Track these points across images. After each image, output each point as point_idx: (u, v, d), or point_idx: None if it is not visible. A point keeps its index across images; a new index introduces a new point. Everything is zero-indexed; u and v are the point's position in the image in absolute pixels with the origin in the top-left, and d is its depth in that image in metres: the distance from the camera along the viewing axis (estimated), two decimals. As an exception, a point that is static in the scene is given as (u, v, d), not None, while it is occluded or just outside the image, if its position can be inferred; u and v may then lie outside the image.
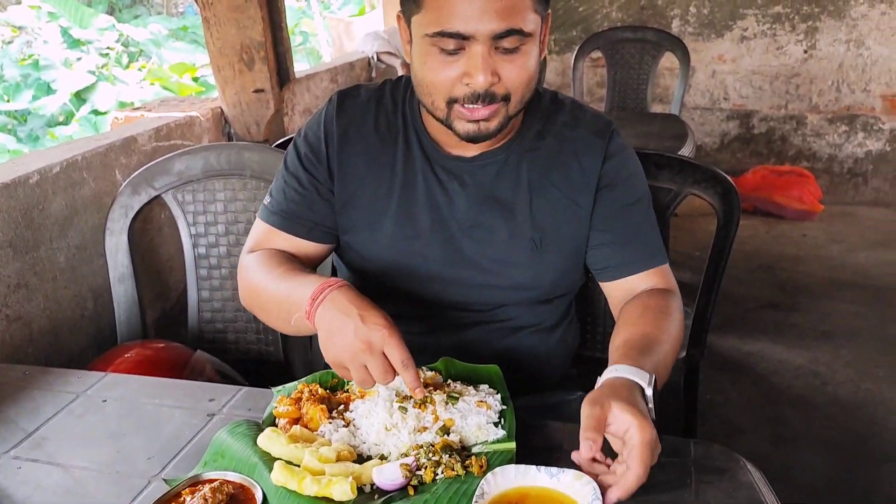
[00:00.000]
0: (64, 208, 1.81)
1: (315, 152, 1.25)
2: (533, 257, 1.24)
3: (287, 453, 1.00)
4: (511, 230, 1.23)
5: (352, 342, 0.99)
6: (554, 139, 1.24)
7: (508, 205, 1.23)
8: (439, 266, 1.24)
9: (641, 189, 1.29)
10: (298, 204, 1.25)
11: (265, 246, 1.28)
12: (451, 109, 1.11)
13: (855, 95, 4.47)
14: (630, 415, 0.91)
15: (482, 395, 1.11)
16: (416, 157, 1.23)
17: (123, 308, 1.74)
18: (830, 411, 2.55)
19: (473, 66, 1.06)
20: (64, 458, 1.07)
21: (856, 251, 3.90)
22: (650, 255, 1.26)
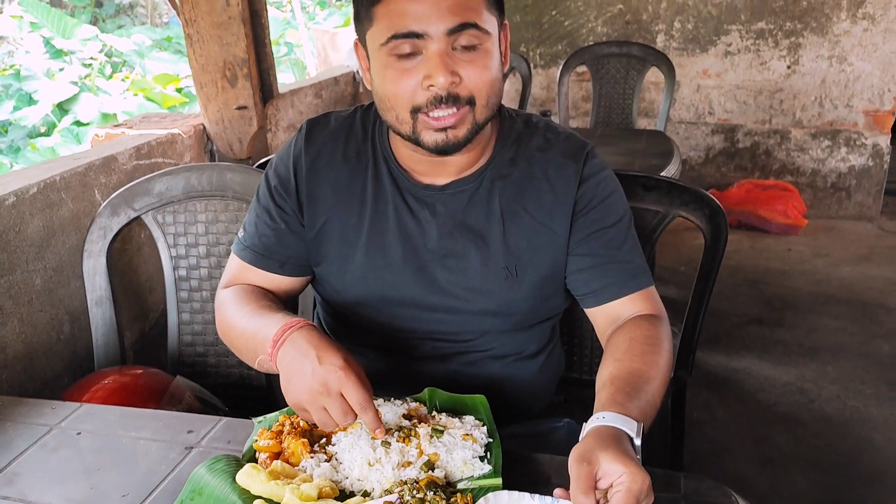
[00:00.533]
0: (41, 230, 1.77)
1: (284, 185, 1.23)
2: (507, 285, 1.21)
3: (267, 491, 0.97)
4: (484, 258, 1.20)
5: (309, 384, 0.98)
6: (526, 163, 1.21)
7: (481, 233, 1.20)
8: (413, 296, 1.22)
9: (621, 209, 1.24)
10: (270, 238, 1.23)
11: (240, 281, 1.27)
12: (416, 120, 1.08)
13: (838, 111, 4.50)
14: (621, 464, 0.88)
15: (468, 427, 1.08)
16: (386, 187, 1.21)
17: (101, 332, 1.71)
18: (817, 429, 2.54)
19: (432, 66, 1.04)
20: (36, 495, 1.04)
21: (840, 265, 3.91)
22: (633, 277, 1.22)
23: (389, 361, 1.28)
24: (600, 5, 4.66)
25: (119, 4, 11.29)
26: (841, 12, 4.32)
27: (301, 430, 1.08)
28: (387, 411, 1.09)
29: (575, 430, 1.40)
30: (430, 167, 1.19)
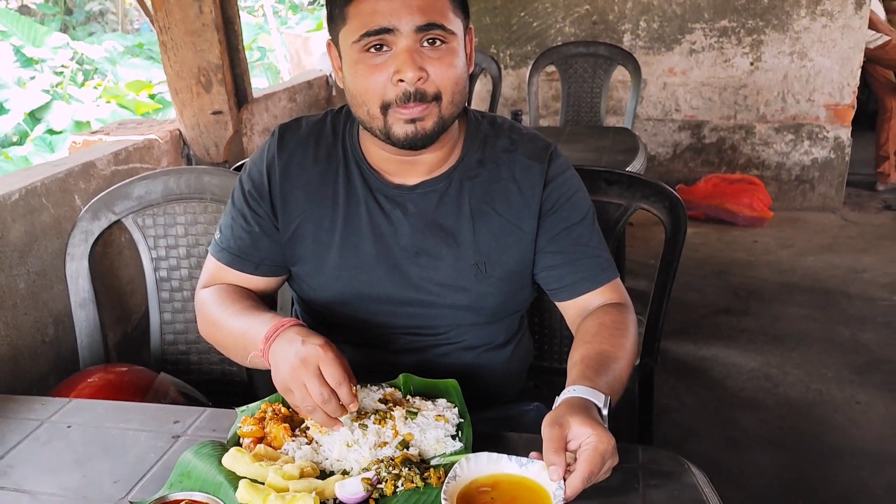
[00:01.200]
0: (23, 235, 1.81)
1: (258, 189, 1.27)
2: (477, 282, 1.27)
3: (252, 472, 1.03)
4: (455, 256, 1.26)
5: (292, 361, 1.05)
6: (494, 164, 1.27)
7: (451, 231, 1.26)
8: (387, 292, 1.28)
9: (585, 206, 1.31)
10: (244, 241, 1.29)
11: (217, 281, 1.32)
12: (387, 114, 1.14)
13: (800, 105, 4.63)
14: (589, 427, 0.96)
15: (440, 409, 1.15)
16: (357, 188, 1.26)
17: (85, 333, 1.75)
18: (781, 412, 2.64)
19: (401, 61, 1.10)
20: (31, 485, 1.09)
21: (804, 256, 4.03)
22: (602, 271, 1.30)
23: (366, 354, 1.34)
24: (567, 6, 4.75)
25: (89, 12, 11.21)
26: (800, 9, 4.44)
27: (282, 416, 1.14)
28: (364, 397, 1.15)
29: (544, 413, 1.48)
30: (401, 167, 1.25)
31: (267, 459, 1.06)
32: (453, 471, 0.98)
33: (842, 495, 2.20)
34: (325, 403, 1.04)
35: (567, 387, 1.09)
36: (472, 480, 0.99)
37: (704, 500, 1.00)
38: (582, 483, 0.94)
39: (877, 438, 2.46)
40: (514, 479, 1.00)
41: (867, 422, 2.56)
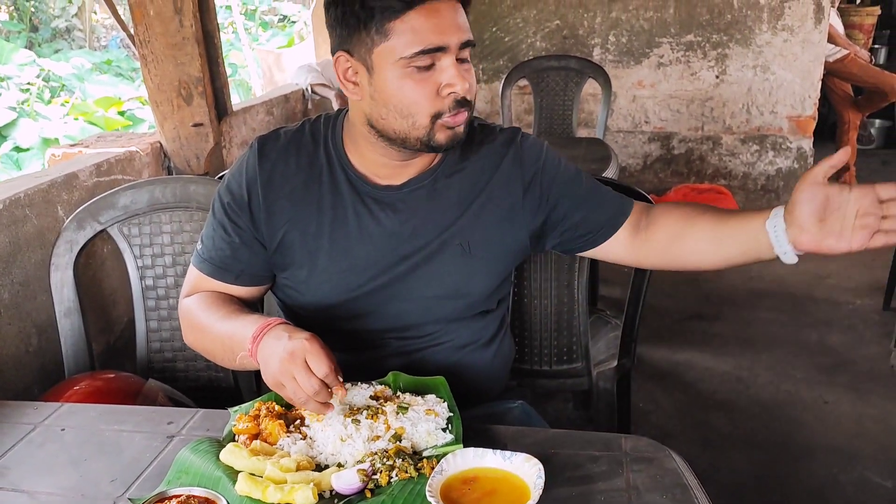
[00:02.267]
0: (7, 245, 1.82)
1: (237, 201, 1.29)
2: (463, 262, 1.31)
3: (249, 466, 1.06)
4: (442, 241, 1.31)
5: (280, 356, 1.08)
6: (476, 157, 1.33)
7: (440, 221, 1.30)
8: (376, 291, 1.31)
9: (574, 167, 1.39)
10: (224, 252, 1.31)
11: (199, 290, 1.35)
12: (434, 124, 1.18)
13: (764, 117, 4.76)
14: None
15: (430, 403, 1.19)
16: (343, 193, 1.29)
17: (70, 342, 1.75)
18: (753, 412, 2.71)
19: (454, 75, 1.15)
20: (28, 485, 1.10)
21: (772, 262, 4.11)
22: (622, 200, 1.37)
23: (354, 358, 1.36)
24: (539, 21, 4.85)
25: (55, 29, 11.12)
26: (762, 24, 4.58)
27: (277, 413, 1.17)
28: (354, 394, 1.19)
29: (528, 411, 1.53)
30: (392, 170, 1.29)
31: (263, 454, 1.09)
32: (440, 465, 1.02)
33: (813, 491, 2.26)
34: (315, 394, 1.07)
35: (766, 220, 1.17)
36: (457, 474, 1.03)
37: (686, 483, 1.05)
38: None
39: (845, 436, 2.54)
40: (497, 473, 1.03)
41: (835, 420, 2.63)
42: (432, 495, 0.96)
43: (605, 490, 1.03)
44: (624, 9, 4.73)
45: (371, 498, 1.01)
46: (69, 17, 11.25)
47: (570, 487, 1.04)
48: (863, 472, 2.34)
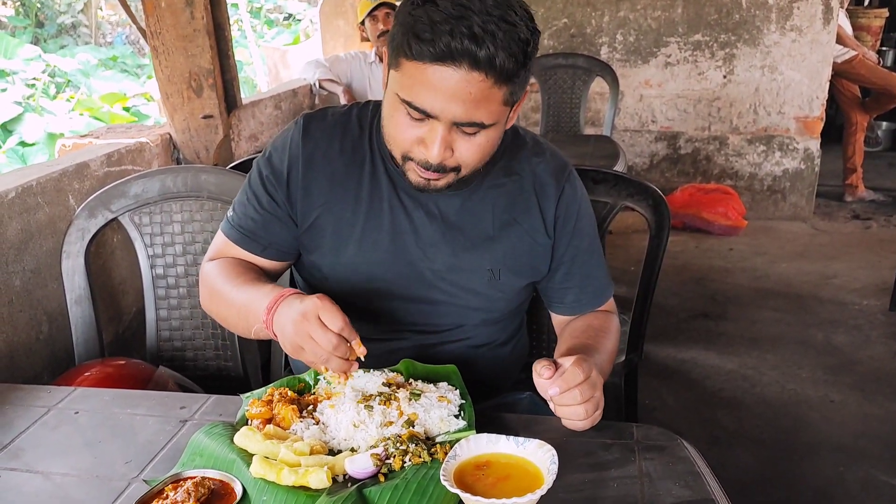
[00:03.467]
0: (19, 233, 1.83)
1: (277, 176, 1.29)
2: (489, 287, 1.32)
3: (263, 449, 1.06)
4: (471, 261, 1.30)
5: (293, 318, 1.07)
6: (518, 177, 1.31)
7: (470, 236, 1.29)
8: (400, 289, 1.31)
9: (592, 229, 1.39)
10: (256, 223, 1.31)
11: (223, 255, 1.34)
12: (406, 162, 1.18)
13: (771, 117, 4.75)
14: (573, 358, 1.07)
15: (442, 391, 1.19)
16: (382, 185, 1.28)
17: (81, 330, 1.76)
18: (759, 411, 2.71)
19: (431, 140, 1.11)
20: (42, 466, 1.11)
21: (777, 262, 4.14)
22: (598, 296, 1.39)
23: (369, 347, 1.37)
24: (546, 19, 4.85)
25: (61, 24, 11.15)
26: (770, 24, 4.58)
27: (290, 398, 1.18)
28: (367, 381, 1.19)
29: (536, 402, 1.53)
30: None
31: (277, 439, 1.09)
32: (453, 450, 1.02)
33: (819, 489, 2.26)
34: (335, 348, 1.07)
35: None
36: (470, 459, 1.03)
37: (698, 471, 1.05)
38: (574, 378, 1.06)
39: (851, 435, 2.53)
40: (510, 458, 1.04)
41: (841, 419, 2.63)
42: (446, 479, 0.96)
43: (617, 477, 1.03)
44: (632, 8, 4.73)
45: (384, 482, 1.02)
46: (75, 13, 11.28)
47: (583, 474, 1.04)
48: (869, 470, 2.34)
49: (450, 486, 0.95)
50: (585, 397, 1.07)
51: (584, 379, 1.06)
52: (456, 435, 1.10)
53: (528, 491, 0.95)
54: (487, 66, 1.04)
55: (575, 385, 1.06)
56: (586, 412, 1.08)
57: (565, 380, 1.06)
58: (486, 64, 1.04)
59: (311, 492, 1.00)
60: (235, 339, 1.79)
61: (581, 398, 1.07)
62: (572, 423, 1.10)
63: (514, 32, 1.05)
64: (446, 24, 1.02)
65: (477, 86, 1.06)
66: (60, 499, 1.04)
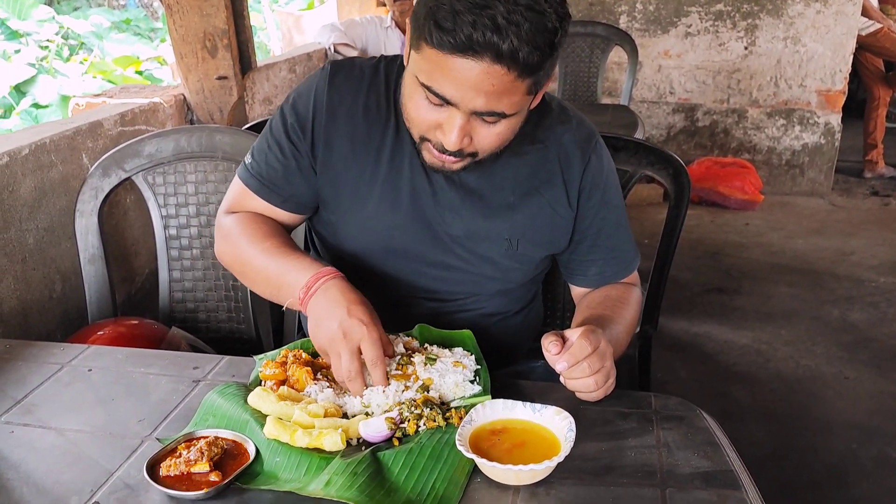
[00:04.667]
0: (33, 190, 1.82)
1: (301, 123, 1.24)
2: (507, 257, 1.29)
3: (277, 410, 1.05)
4: (489, 229, 1.27)
5: (335, 331, 1.07)
6: (542, 146, 1.26)
7: (490, 205, 1.26)
8: (416, 252, 1.28)
9: (618, 201, 1.34)
10: (276, 172, 1.26)
11: (241, 205, 1.31)
12: (422, 143, 1.15)
13: (792, 90, 4.68)
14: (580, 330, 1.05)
15: (457, 356, 1.18)
16: (405, 144, 1.23)
17: (94, 289, 1.76)
18: (772, 386, 2.69)
19: (449, 128, 1.07)
20: (56, 422, 1.10)
21: (794, 238, 4.09)
22: (622, 269, 1.35)
23: (381, 313, 1.35)
24: (565, -13, 4.76)
25: (75, -15, 11.08)
26: (795, -5, 4.49)
27: (304, 360, 1.17)
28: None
29: (551, 371, 1.51)
30: None
31: (290, 400, 1.08)
32: (469, 415, 1.01)
33: (832, 466, 2.25)
34: (350, 381, 1.07)
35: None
36: (486, 424, 1.02)
37: (717, 441, 1.03)
38: (581, 351, 1.03)
39: (865, 412, 2.52)
40: (526, 425, 1.03)
41: (855, 396, 2.61)
42: (462, 444, 0.95)
43: (635, 446, 1.02)
44: (653, -24, 4.65)
45: (399, 446, 1.00)
46: (89, -25, 11.20)
47: (600, 443, 1.03)
48: (882, 447, 2.32)
49: (465, 451, 0.93)
50: (594, 369, 1.05)
51: (591, 351, 1.04)
52: (471, 400, 1.09)
53: (544, 458, 0.94)
54: (510, 59, 0.99)
55: (583, 358, 1.04)
56: (596, 384, 1.06)
57: (573, 354, 1.04)
58: (508, 58, 0.99)
59: (325, 454, 0.99)
60: (248, 302, 1.78)
61: (590, 370, 1.04)
62: (584, 394, 1.08)
63: (542, 22, 0.99)
64: (469, 14, 0.97)
65: (499, 79, 1.01)
66: (74, 455, 1.03)
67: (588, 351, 1.04)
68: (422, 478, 0.95)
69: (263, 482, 0.95)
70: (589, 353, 1.04)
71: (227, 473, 0.96)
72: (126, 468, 1.00)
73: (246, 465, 0.97)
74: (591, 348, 1.04)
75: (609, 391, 1.09)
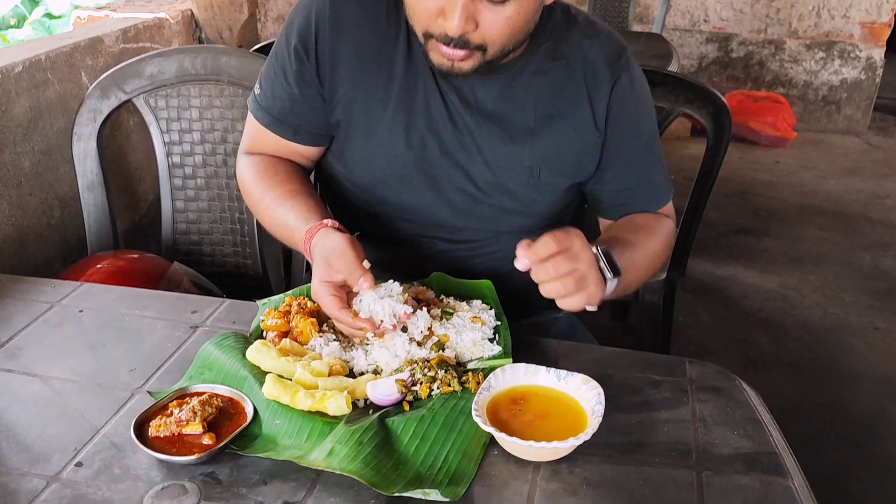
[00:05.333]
0: (28, 110, 1.71)
1: (304, 45, 1.13)
2: (528, 186, 1.18)
3: (278, 367, 0.97)
4: (509, 156, 1.16)
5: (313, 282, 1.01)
6: (565, 62, 1.14)
7: (509, 128, 1.15)
8: (432, 182, 1.18)
9: (650, 124, 1.21)
10: (284, 102, 1.17)
11: (258, 144, 1.23)
12: (428, 41, 1.03)
13: (835, 21, 4.43)
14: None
15: (476, 310, 1.08)
16: (417, 62, 1.13)
17: (93, 217, 1.68)
18: (798, 334, 2.60)
19: (451, 9, 0.96)
20: (41, 368, 1.03)
21: (826, 178, 3.94)
22: (655, 201, 1.23)
23: (393, 256, 1.26)
24: None
25: None
26: (846, -83, 4.20)
27: (309, 310, 1.08)
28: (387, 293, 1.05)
29: (573, 322, 1.42)
30: None
31: (293, 355, 1.00)
32: (487, 381, 0.92)
33: (859, 420, 2.17)
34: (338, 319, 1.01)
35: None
36: (505, 391, 0.93)
37: (759, 418, 0.94)
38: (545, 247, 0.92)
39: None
40: (550, 393, 0.94)
41: (886, 348, 2.52)
42: (479, 415, 0.86)
43: (668, 420, 0.93)
44: None
45: (409, 411, 0.92)
46: None
47: (630, 414, 0.94)
48: (912, 403, 2.24)
49: (482, 424, 0.85)
50: (561, 271, 0.92)
51: (556, 251, 0.92)
52: (490, 362, 1.00)
53: (569, 432, 0.85)
54: None
55: (547, 257, 0.92)
56: (565, 288, 0.93)
57: (534, 251, 0.92)
58: None
59: (329, 418, 0.90)
60: (255, 236, 1.69)
61: (555, 272, 0.92)
62: (561, 302, 0.96)
63: None
64: None
65: None
66: (59, 407, 0.96)
67: (552, 249, 0.92)
68: (433, 449, 0.87)
69: (261, 448, 0.88)
70: (552, 251, 0.92)
71: (222, 435, 0.88)
72: (113, 424, 0.92)
73: (243, 426, 0.90)
74: (556, 247, 0.92)
75: (590, 302, 0.95)
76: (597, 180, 1.21)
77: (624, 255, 1.04)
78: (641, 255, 1.12)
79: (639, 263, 1.11)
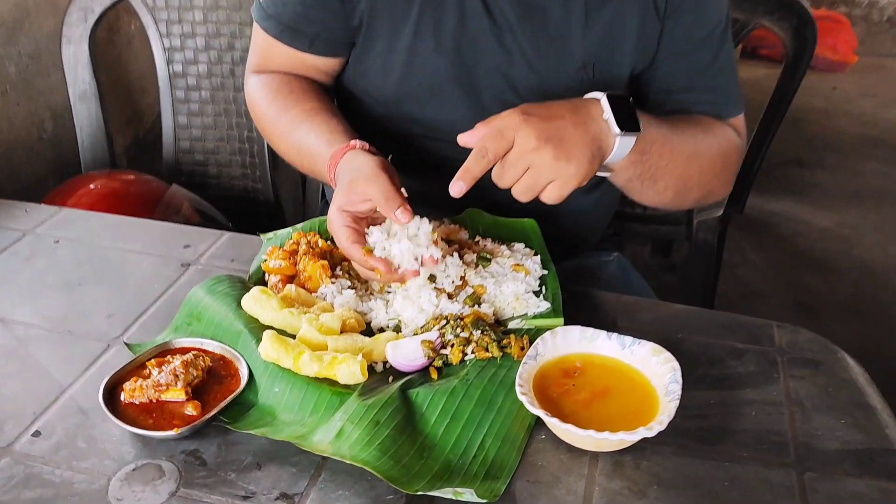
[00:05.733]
0: (12, 8, 1.53)
1: None
2: (581, 90, 0.98)
3: (279, 320, 0.80)
4: (559, 54, 0.97)
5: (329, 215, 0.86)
6: None
7: (558, 22, 0.95)
8: (465, 93, 0.99)
9: (716, 16, 1.00)
10: (296, 5, 0.99)
11: (268, 60, 1.06)
12: None
13: (907, -67, 4.05)
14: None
15: (518, 256, 0.91)
16: None
17: (87, 131, 1.52)
18: (855, 277, 2.41)
19: None
20: (4, 310, 0.88)
21: (889, 107, 3.66)
22: (718, 107, 1.02)
23: (422, 186, 1.07)
24: None
25: None
26: None
27: (320, 250, 0.90)
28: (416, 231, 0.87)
29: (625, 266, 1.24)
30: None
31: (299, 305, 0.83)
32: (533, 348, 0.74)
33: (921, 373, 1.99)
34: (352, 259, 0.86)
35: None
36: (555, 360, 0.76)
37: (871, 403, 0.76)
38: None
39: (962, 313, 2.23)
40: (612, 364, 0.76)
41: (952, 294, 2.32)
42: (524, 392, 0.69)
43: (755, 401, 0.75)
44: None
45: (437, 381, 0.75)
46: None
47: (707, 392, 0.76)
48: (983, 354, 2.05)
49: (529, 405, 0.68)
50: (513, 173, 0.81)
51: (493, 152, 0.80)
52: (536, 322, 0.82)
53: (636, 415, 0.69)
54: None
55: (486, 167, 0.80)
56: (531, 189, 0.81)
57: (466, 169, 0.81)
58: None
59: (339, 387, 0.74)
60: (265, 156, 1.52)
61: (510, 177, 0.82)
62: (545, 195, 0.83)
63: None
64: None
65: None
66: (20, 360, 0.81)
67: (489, 154, 0.80)
68: (466, 432, 0.70)
69: (255, 422, 0.72)
70: (491, 156, 0.80)
71: (210, 404, 0.73)
72: (82, 384, 0.77)
73: (235, 394, 0.74)
74: (492, 149, 0.80)
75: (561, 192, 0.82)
76: (651, 78, 1.01)
77: (652, 125, 0.87)
78: (681, 140, 0.93)
79: (677, 147, 0.92)
